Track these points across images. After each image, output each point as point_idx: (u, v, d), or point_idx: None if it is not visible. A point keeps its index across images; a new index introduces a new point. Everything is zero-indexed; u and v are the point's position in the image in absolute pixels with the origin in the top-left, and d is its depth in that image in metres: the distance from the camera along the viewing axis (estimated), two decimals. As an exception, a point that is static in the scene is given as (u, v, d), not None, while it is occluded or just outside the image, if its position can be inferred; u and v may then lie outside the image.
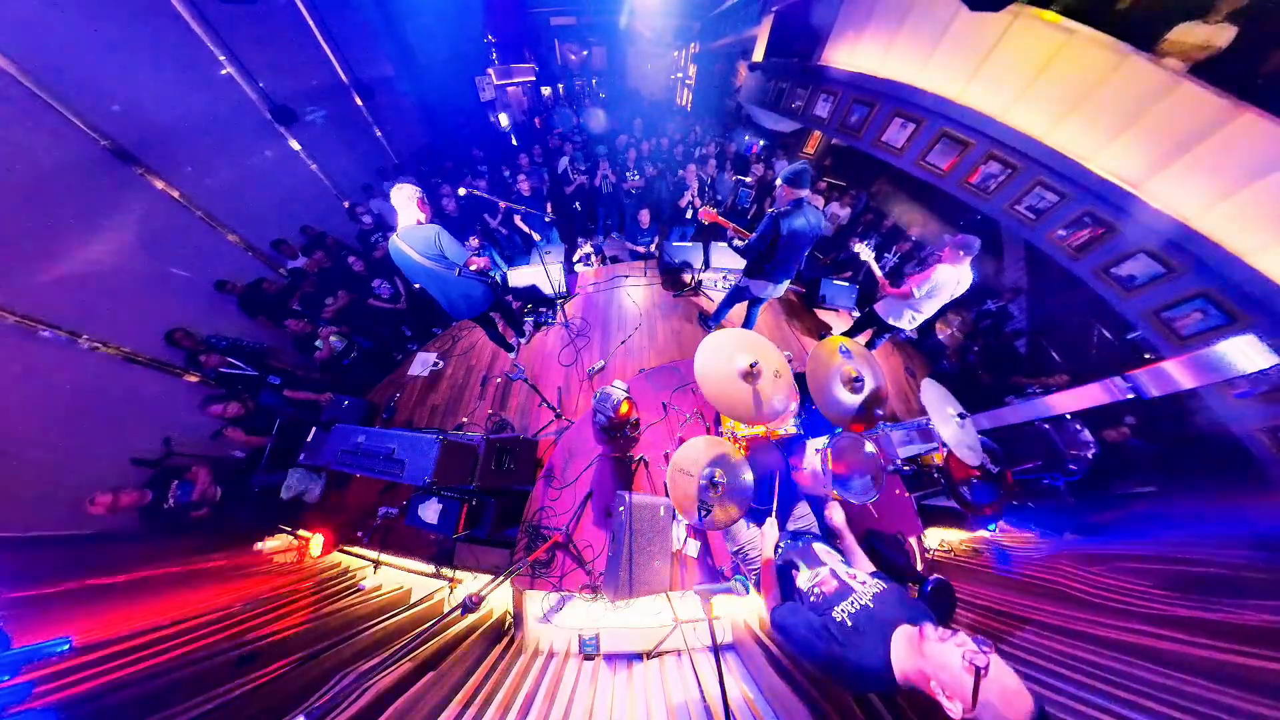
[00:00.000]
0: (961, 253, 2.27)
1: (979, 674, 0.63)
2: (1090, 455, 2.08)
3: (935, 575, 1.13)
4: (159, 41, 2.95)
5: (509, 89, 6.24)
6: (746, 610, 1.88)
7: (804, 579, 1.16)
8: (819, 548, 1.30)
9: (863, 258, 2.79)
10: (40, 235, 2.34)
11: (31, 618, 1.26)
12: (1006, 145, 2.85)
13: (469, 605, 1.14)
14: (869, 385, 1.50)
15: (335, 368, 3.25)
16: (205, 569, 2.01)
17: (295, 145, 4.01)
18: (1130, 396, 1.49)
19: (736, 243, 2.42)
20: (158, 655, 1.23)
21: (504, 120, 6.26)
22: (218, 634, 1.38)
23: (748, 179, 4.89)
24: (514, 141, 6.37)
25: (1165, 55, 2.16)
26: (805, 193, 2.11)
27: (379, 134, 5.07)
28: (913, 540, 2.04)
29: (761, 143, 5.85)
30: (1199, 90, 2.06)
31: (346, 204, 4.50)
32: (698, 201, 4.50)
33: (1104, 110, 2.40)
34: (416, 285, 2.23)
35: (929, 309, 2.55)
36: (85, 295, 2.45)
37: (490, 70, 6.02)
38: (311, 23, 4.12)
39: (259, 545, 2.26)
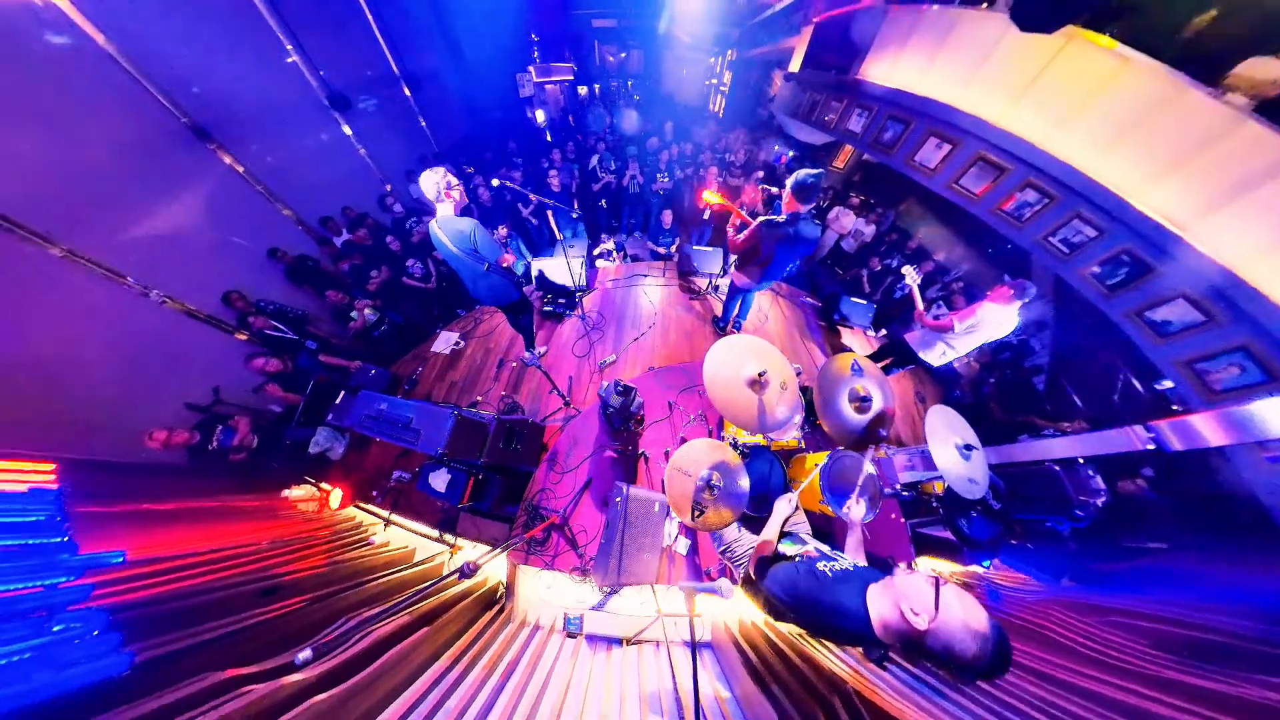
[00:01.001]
0: (1013, 295, 2.15)
1: (938, 583, 0.75)
2: (1100, 503, 1.96)
3: None
4: (235, 28, 3.16)
5: (547, 86, 6.32)
6: (727, 613, 1.88)
7: (791, 551, 1.21)
8: (807, 536, 1.38)
9: (908, 280, 2.68)
10: (126, 198, 2.56)
11: (92, 531, 1.41)
12: (1046, 174, 2.69)
13: (466, 571, 1.20)
14: (876, 406, 1.47)
15: (366, 338, 3.42)
16: (239, 507, 2.19)
17: (347, 130, 4.21)
18: (1151, 447, 1.39)
19: (737, 236, 2.33)
20: (195, 577, 1.36)
21: (540, 116, 6.36)
22: (245, 566, 1.51)
23: (775, 189, 4.81)
24: (548, 137, 6.46)
25: (1230, 90, 2.00)
26: (807, 207, 2.01)
27: (423, 124, 5.24)
28: (903, 566, 2.00)
29: (791, 153, 5.73)
30: (1264, 131, 1.90)
31: (388, 186, 4.70)
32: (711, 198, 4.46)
33: (1156, 145, 2.24)
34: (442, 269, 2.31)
35: (963, 346, 2.43)
36: (159, 254, 2.66)
37: (531, 68, 6.12)
38: (370, 16, 4.29)
39: (286, 492, 2.43)
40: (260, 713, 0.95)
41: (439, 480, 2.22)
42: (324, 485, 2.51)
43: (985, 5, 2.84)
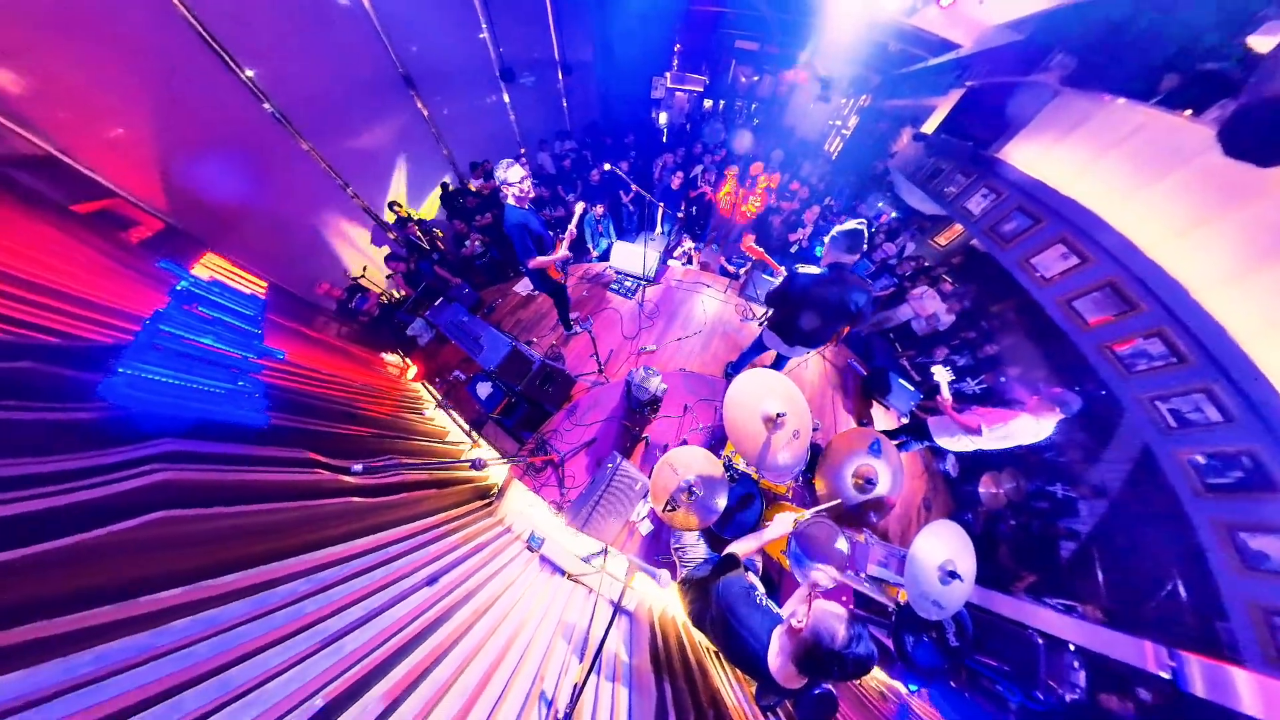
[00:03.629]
0: (1057, 410, 1.78)
1: (812, 592, 0.93)
2: (1068, 698, 1.56)
3: (827, 686, 0.99)
4: (449, 4, 3.70)
5: (677, 94, 6.35)
6: (655, 598, 1.91)
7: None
8: (755, 578, 1.32)
9: (937, 378, 2.28)
10: (351, 119, 3.24)
11: (271, 332, 1.87)
12: (1188, 329, 2.01)
13: (477, 465, 1.39)
14: (879, 491, 1.33)
15: (469, 264, 3.91)
16: (352, 352, 2.73)
17: (506, 99, 4.72)
18: (1165, 676, 1.10)
19: (773, 285, 2.12)
20: (314, 385, 1.75)
21: (662, 118, 6.44)
22: (342, 392, 1.90)
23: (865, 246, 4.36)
24: (664, 139, 6.53)
25: None
26: (849, 258, 1.73)
27: (564, 105, 5.63)
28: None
29: (894, 214, 5.11)
30: None
31: (523, 150, 5.19)
32: (806, 244, 4.20)
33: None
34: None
35: (988, 446, 2.05)
36: (358, 162, 3.35)
37: (667, 74, 6.20)
38: (549, 8, 4.68)
39: (384, 355, 2.97)
40: (318, 491, 1.23)
41: (483, 389, 2.54)
42: (408, 360, 3.00)
43: (1189, 113, 2.16)
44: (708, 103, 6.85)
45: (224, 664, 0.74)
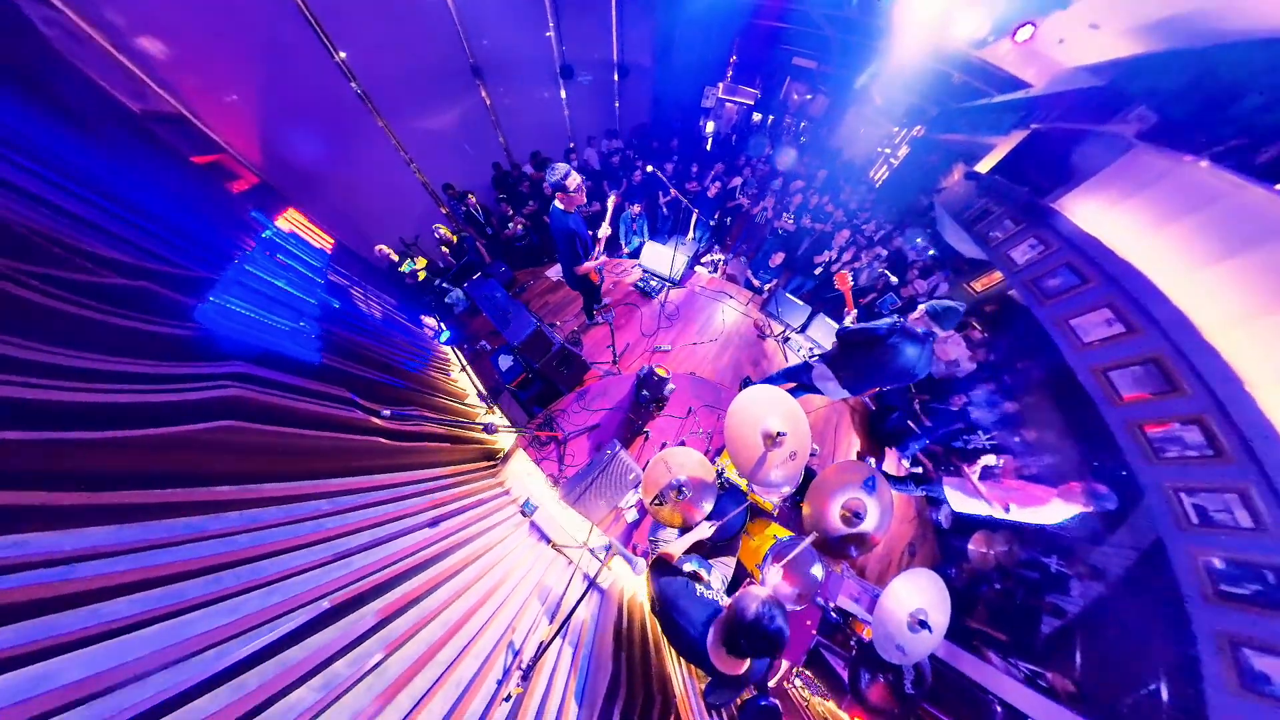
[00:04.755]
0: (1091, 503, 1.67)
1: (749, 580, 0.92)
2: None
3: (773, 700, 1.05)
4: (522, 2, 3.82)
5: (727, 104, 6.22)
6: (627, 581, 1.95)
7: (688, 569, 1.22)
8: (720, 580, 1.34)
9: (981, 463, 2.17)
10: (421, 102, 3.46)
11: (332, 283, 2.03)
12: (1235, 425, 1.72)
13: (489, 429, 1.47)
14: (865, 527, 1.27)
15: (510, 245, 4.05)
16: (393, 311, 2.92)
17: (562, 95, 4.82)
18: None
19: (846, 323, 2.05)
20: (361, 335, 1.90)
21: (709, 127, 6.34)
22: (383, 344, 2.05)
23: (895, 279, 4.15)
24: (708, 147, 6.43)
25: None
26: (941, 333, 1.71)
27: (616, 105, 5.64)
28: (784, 663, 1.80)
29: (932, 252, 4.80)
30: None
31: (571, 144, 5.28)
32: (835, 265, 4.06)
33: None
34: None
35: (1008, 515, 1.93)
36: (422, 141, 3.57)
37: (720, 84, 6.06)
38: (614, 12, 4.69)
39: (422, 316, 3.17)
40: (351, 427, 1.35)
41: (505, 362, 2.65)
42: (443, 324, 3.18)
43: (1280, 188, 1.90)
44: (756, 116, 6.66)
45: (257, 555, 0.85)
